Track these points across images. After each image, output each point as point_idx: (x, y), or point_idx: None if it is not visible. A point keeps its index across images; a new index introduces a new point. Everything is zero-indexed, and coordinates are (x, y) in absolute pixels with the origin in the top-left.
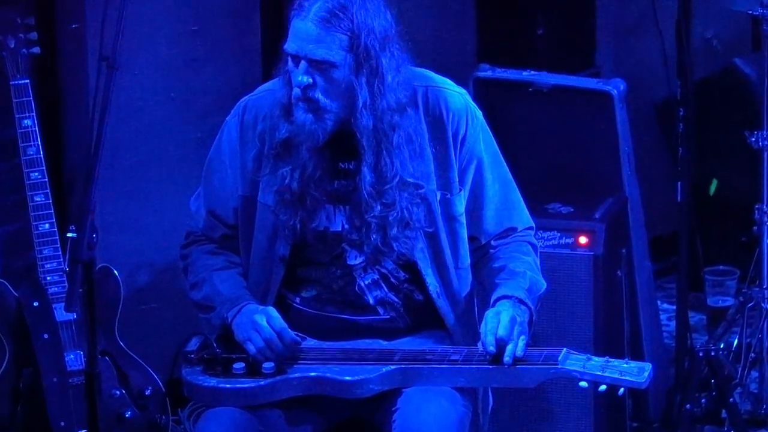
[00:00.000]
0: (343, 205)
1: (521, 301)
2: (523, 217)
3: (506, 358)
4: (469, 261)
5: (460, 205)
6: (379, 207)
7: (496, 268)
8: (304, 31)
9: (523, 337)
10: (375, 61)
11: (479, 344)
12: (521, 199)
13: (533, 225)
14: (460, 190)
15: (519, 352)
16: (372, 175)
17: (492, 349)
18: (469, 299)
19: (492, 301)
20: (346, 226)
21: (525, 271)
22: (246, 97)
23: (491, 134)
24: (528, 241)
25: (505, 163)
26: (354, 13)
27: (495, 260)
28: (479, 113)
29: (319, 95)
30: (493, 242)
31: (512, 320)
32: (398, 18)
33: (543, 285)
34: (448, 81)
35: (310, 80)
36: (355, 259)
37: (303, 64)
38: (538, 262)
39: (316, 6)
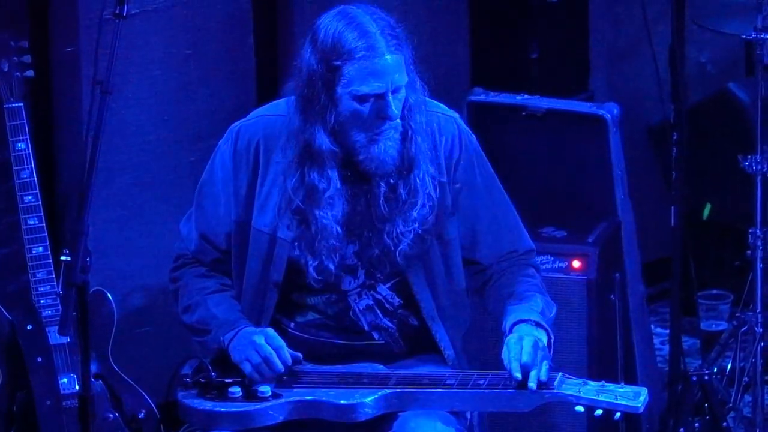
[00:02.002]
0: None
1: (538, 324)
2: (523, 239)
3: (530, 384)
4: (464, 284)
5: (453, 229)
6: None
7: (505, 293)
8: (385, 66)
9: (546, 361)
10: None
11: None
12: (520, 221)
13: (534, 247)
14: (453, 213)
15: (543, 377)
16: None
17: (518, 375)
18: (464, 323)
19: (509, 327)
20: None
21: (535, 294)
22: (239, 122)
23: (486, 158)
24: (531, 263)
25: (501, 187)
26: (399, 30)
27: (501, 285)
28: (473, 138)
29: (398, 120)
30: (495, 266)
31: (534, 345)
32: None
33: (554, 306)
34: (441, 105)
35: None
36: (350, 285)
37: (390, 97)
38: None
39: (380, 38)
